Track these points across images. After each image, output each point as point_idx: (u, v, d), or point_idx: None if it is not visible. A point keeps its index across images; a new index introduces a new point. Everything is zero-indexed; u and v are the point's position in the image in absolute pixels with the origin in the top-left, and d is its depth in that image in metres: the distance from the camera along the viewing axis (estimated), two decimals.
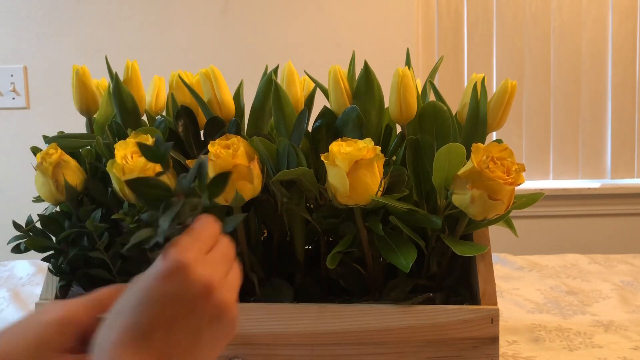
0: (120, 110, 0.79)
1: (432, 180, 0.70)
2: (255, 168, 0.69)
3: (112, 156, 0.70)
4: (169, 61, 2.10)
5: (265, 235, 0.75)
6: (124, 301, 0.46)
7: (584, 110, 2.27)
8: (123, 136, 0.74)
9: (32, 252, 0.76)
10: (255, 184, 0.69)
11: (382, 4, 2.14)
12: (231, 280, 0.49)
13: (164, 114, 0.86)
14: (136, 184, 0.46)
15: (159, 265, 0.45)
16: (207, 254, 0.47)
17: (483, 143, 0.69)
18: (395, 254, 0.68)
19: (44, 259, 0.77)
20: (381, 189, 0.68)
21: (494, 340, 0.69)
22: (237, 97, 0.80)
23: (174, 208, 0.46)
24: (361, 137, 0.69)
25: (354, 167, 0.65)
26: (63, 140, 0.78)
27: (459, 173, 0.67)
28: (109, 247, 0.73)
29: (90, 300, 0.50)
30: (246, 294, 0.74)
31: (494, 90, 0.79)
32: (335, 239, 0.76)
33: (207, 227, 0.48)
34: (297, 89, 0.78)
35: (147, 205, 0.46)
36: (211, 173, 0.68)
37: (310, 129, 0.75)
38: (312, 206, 0.74)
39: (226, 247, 0.49)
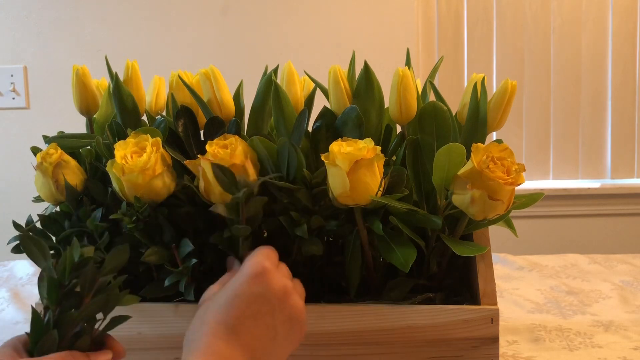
0: (120, 110, 0.79)
1: (432, 180, 0.70)
2: (250, 167, 0.69)
3: (112, 156, 0.70)
4: (169, 61, 2.10)
5: (265, 235, 0.75)
6: (215, 300, 0.54)
7: (584, 110, 2.27)
8: (123, 136, 0.74)
9: None
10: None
11: (382, 4, 2.14)
12: (299, 290, 0.58)
13: (164, 114, 0.86)
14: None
15: (246, 271, 0.54)
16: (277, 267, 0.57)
17: (483, 143, 0.69)
18: (395, 254, 0.68)
19: None
20: (381, 189, 0.68)
21: (494, 340, 0.69)
22: (237, 97, 0.80)
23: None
24: (361, 137, 0.69)
25: (354, 167, 0.65)
26: (63, 140, 0.78)
27: (459, 173, 0.67)
28: (109, 246, 0.73)
29: None
30: None
31: (494, 90, 0.79)
32: (335, 239, 0.76)
33: (272, 249, 0.59)
34: (297, 89, 0.78)
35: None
36: (209, 173, 0.68)
37: (310, 129, 0.75)
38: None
39: (286, 267, 0.59)
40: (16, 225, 0.75)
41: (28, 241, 0.55)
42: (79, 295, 0.54)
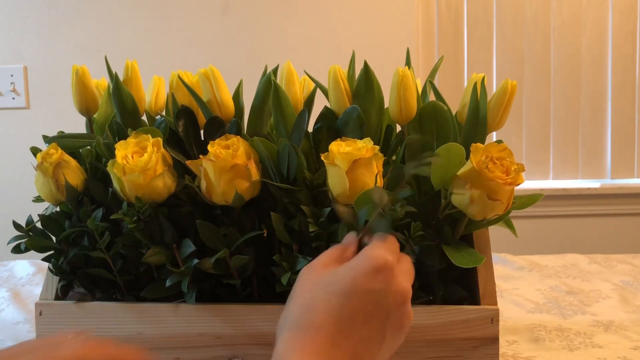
0: (120, 110, 0.79)
1: (431, 180, 0.70)
2: (253, 167, 0.69)
3: (113, 156, 0.70)
4: (169, 61, 2.10)
5: (265, 235, 0.75)
6: (324, 287, 0.47)
7: (584, 110, 2.27)
8: (123, 136, 0.74)
9: (32, 252, 0.76)
10: (254, 184, 0.69)
11: (382, 4, 2.14)
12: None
13: (163, 113, 0.86)
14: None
15: (366, 263, 0.47)
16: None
17: (483, 143, 0.69)
18: None
19: (44, 259, 0.77)
20: None
21: (494, 340, 0.69)
22: (237, 97, 0.80)
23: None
24: (362, 137, 0.69)
25: (353, 167, 0.65)
26: (63, 140, 0.78)
27: (458, 173, 0.67)
28: (109, 246, 0.73)
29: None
30: (247, 295, 0.74)
31: (494, 90, 0.79)
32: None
33: (394, 241, 0.51)
34: (296, 89, 0.78)
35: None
36: (211, 174, 0.68)
37: (310, 129, 0.75)
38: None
39: (408, 263, 0.51)
40: (16, 225, 0.75)
41: None
42: None
